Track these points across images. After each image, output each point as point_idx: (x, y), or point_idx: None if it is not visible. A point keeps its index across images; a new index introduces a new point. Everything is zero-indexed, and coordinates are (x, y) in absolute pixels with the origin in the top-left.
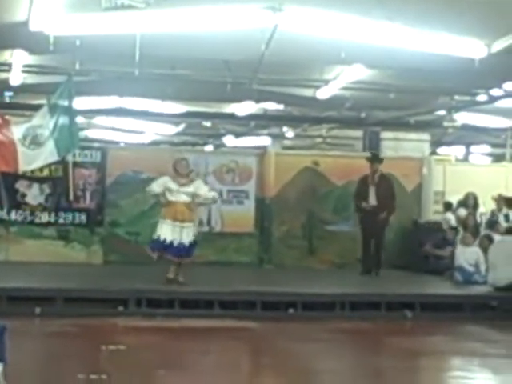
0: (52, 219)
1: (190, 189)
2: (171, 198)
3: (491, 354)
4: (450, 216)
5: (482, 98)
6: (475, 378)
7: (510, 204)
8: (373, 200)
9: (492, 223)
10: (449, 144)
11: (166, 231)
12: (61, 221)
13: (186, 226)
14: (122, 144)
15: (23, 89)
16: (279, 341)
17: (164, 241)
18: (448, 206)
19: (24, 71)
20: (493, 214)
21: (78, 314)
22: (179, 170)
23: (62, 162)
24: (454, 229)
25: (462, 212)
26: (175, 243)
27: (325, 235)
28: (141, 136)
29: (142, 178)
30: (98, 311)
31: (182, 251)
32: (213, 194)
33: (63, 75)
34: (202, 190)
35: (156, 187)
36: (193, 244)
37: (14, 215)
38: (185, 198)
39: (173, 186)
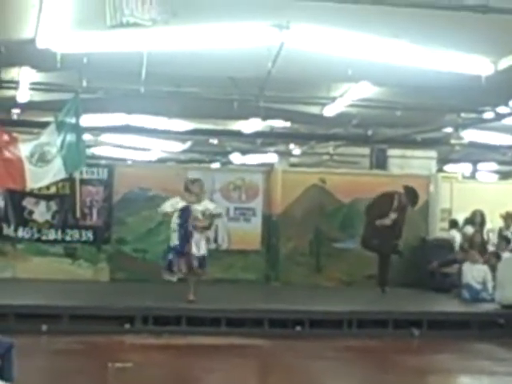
0: (59, 236)
1: (200, 207)
2: None
3: (499, 372)
4: (455, 233)
5: (488, 115)
6: None
7: None
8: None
9: (501, 241)
10: (456, 161)
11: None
12: (68, 238)
13: (200, 238)
14: (128, 161)
15: (30, 106)
16: (286, 358)
17: (176, 247)
18: (453, 224)
19: (31, 88)
20: (501, 231)
21: (85, 332)
22: (192, 188)
23: (69, 180)
24: (463, 249)
25: (469, 229)
26: (187, 251)
27: (332, 252)
28: (147, 153)
29: (149, 196)
30: (105, 328)
31: (194, 261)
32: (220, 210)
33: (70, 92)
34: (211, 205)
35: (167, 207)
36: (205, 257)
37: (20, 232)
38: (199, 216)
39: (183, 205)
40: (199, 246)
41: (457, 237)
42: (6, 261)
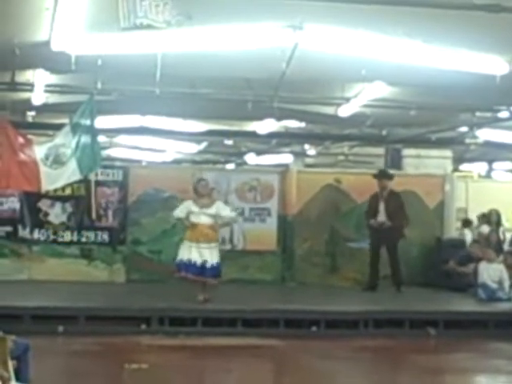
0: (74, 238)
1: (212, 210)
2: (193, 220)
3: None
4: (467, 232)
5: (503, 114)
6: None
7: None
8: (382, 217)
9: None
10: (471, 161)
11: (187, 252)
12: (83, 239)
13: (210, 247)
14: (143, 163)
15: (45, 108)
16: (302, 359)
17: (184, 261)
18: (466, 223)
19: (46, 91)
20: None
21: (101, 333)
22: (200, 190)
23: (85, 181)
24: (476, 242)
25: (485, 229)
26: (197, 263)
27: (347, 252)
28: (162, 154)
29: (164, 197)
30: (121, 329)
31: (206, 271)
32: (234, 214)
33: (85, 94)
34: (225, 211)
35: (179, 212)
36: (218, 264)
37: (36, 234)
38: (206, 220)
39: (195, 208)
40: (212, 255)
41: (468, 236)
42: (22, 262)
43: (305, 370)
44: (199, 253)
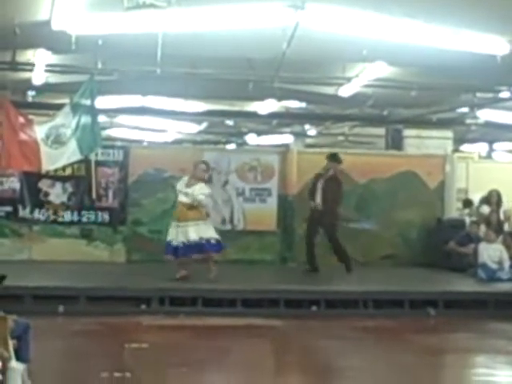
0: (75, 218)
1: (190, 189)
2: (178, 198)
3: None
4: (467, 212)
5: (504, 94)
6: (499, 376)
7: None
8: (318, 199)
9: None
10: (472, 141)
11: (171, 233)
12: (84, 220)
13: (187, 225)
14: (144, 143)
15: (46, 88)
16: (302, 338)
17: (169, 242)
18: (467, 204)
19: (46, 70)
20: None
21: (101, 313)
22: (197, 174)
23: (85, 161)
24: (475, 223)
25: (486, 209)
26: (178, 243)
27: (348, 233)
28: (163, 135)
29: (165, 177)
30: (121, 310)
31: (186, 250)
32: (200, 197)
33: (85, 74)
34: (195, 190)
35: (178, 185)
36: (200, 242)
37: (37, 214)
38: (184, 199)
39: (180, 187)
40: (192, 232)
41: (467, 216)
42: (23, 242)
43: (305, 350)
44: (179, 232)
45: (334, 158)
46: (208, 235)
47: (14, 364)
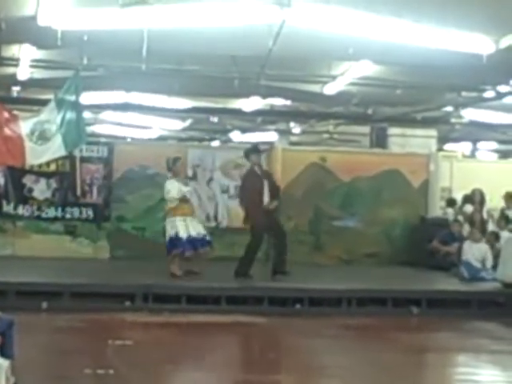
0: (59, 214)
1: (189, 188)
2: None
3: (498, 350)
4: (450, 211)
5: (489, 94)
6: (482, 375)
7: None
8: (266, 197)
9: (501, 219)
10: (456, 140)
11: (181, 227)
12: (68, 216)
13: (193, 221)
14: (128, 139)
15: (31, 83)
16: (286, 336)
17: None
18: (450, 203)
19: (32, 66)
20: (503, 211)
21: (85, 309)
22: (180, 170)
23: (70, 157)
24: (457, 221)
25: (469, 208)
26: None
27: (332, 231)
28: (148, 131)
29: (149, 174)
30: (105, 306)
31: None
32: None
33: (71, 70)
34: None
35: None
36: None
37: (20, 210)
38: (188, 195)
39: (179, 184)
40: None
41: (450, 214)
42: (6, 238)
43: (288, 347)
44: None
45: (253, 150)
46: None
47: None
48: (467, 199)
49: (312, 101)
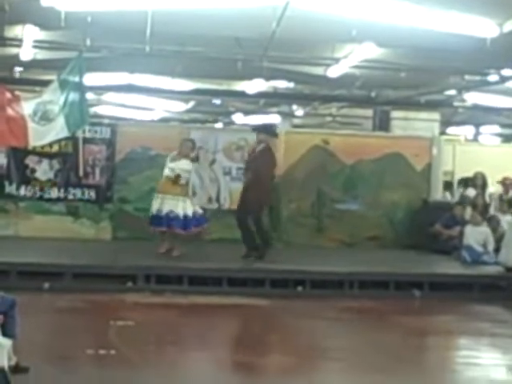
0: (61, 195)
1: (173, 164)
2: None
3: (499, 333)
4: (447, 195)
5: (492, 78)
6: (483, 358)
7: None
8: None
9: (502, 204)
10: (459, 124)
11: (154, 204)
12: (70, 197)
13: (168, 199)
14: (131, 121)
15: (34, 64)
16: (287, 318)
17: (153, 214)
18: (447, 186)
19: (35, 47)
20: (501, 196)
21: (87, 290)
22: (182, 149)
23: (72, 138)
24: (459, 204)
25: (471, 192)
26: (159, 214)
27: (334, 214)
28: (150, 113)
29: (152, 155)
30: (107, 287)
31: (162, 222)
32: (178, 171)
33: (74, 51)
34: (178, 165)
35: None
36: (179, 217)
37: (23, 191)
38: (168, 173)
39: (167, 161)
40: (172, 206)
41: (448, 197)
42: (8, 219)
43: (289, 329)
44: (158, 204)
45: (273, 134)
46: (189, 211)
47: (1, 340)
48: (462, 182)
49: (315, 83)
